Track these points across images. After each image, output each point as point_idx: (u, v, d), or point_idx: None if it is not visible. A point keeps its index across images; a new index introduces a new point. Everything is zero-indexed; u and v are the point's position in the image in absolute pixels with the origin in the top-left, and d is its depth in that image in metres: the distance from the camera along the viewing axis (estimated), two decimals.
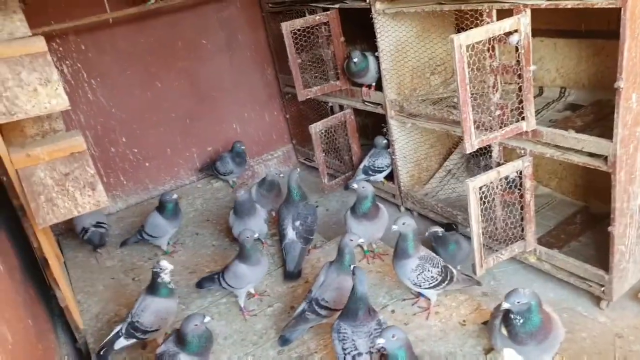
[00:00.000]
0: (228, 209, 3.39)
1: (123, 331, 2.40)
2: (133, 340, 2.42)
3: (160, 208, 3.31)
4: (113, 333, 2.44)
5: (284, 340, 2.43)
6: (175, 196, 3.33)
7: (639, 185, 2.27)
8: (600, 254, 2.44)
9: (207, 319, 2.07)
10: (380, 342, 1.73)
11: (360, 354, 1.96)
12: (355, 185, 2.73)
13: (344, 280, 2.33)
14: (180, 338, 2.08)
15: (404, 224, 2.33)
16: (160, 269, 2.41)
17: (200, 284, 2.86)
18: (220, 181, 4.34)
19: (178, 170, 4.35)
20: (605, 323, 2.44)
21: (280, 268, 3.02)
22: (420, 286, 2.34)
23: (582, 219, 2.95)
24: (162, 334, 2.47)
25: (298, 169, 3.12)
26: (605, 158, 2.17)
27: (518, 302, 1.80)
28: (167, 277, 2.42)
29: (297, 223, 2.95)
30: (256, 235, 2.64)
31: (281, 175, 3.45)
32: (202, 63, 4.19)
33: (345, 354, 1.98)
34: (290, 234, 2.94)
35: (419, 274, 2.31)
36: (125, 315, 2.52)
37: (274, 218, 3.41)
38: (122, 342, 2.40)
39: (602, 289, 2.43)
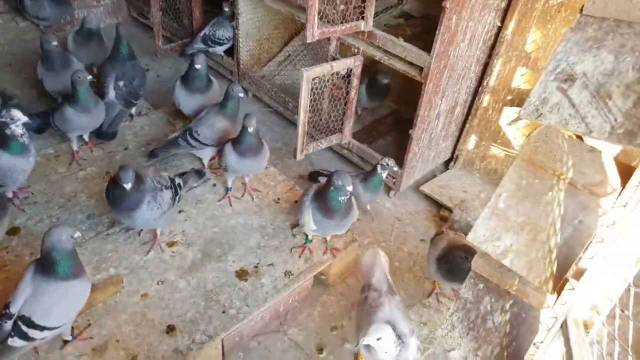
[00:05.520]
0: (37, 55, 2.93)
1: None
2: None
3: None
4: None
5: (151, 154, 2.64)
6: None
7: (440, 98, 2.63)
8: (399, 152, 2.83)
9: None
10: None
11: None
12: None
13: (218, 121, 2.51)
14: None
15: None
16: (11, 119, 2.04)
17: (37, 115, 2.63)
18: (28, 21, 3.67)
19: None
20: (390, 209, 2.92)
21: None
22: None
23: (392, 120, 3.35)
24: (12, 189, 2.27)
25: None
26: (421, 69, 2.44)
27: (341, 184, 2.01)
28: (19, 130, 2.09)
29: (121, 83, 2.72)
30: (89, 78, 2.46)
31: (102, 25, 3.06)
32: None
33: None
34: (111, 93, 2.72)
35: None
36: None
37: (94, 74, 3.08)
38: None
39: (394, 181, 2.86)
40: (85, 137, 2.69)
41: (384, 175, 2.44)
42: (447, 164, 3.18)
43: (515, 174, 1.48)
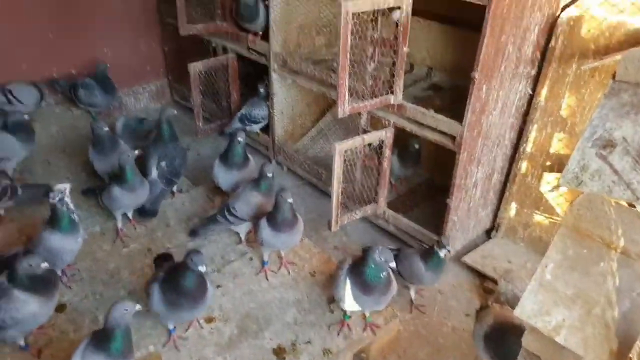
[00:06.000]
0: (88, 140, 3.14)
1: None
2: None
3: (7, 126, 2.97)
4: (13, 253, 2.21)
5: (192, 232, 2.73)
6: (26, 117, 3.03)
7: (476, 166, 2.61)
8: (436, 221, 2.78)
9: (45, 264, 1.93)
10: None
11: None
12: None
13: (254, 197, 2.57)
14: (11, 273, 1.94)
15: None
16: (60, 192, 2.16)
17: (84, 192, 2.93)
18: (81, 109, 3.96)
19: None
20: None
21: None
22: None
23: (426, 189, 3.32)
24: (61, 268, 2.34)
25: (174, 111, 2.99)
26: (454, 138, 2.45)
27: (381, 259, 2.00)
28: (71, 203, 2.20)
29: (163, 163, 2.86)
30: (137, 152, 2.64)
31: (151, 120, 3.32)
32: None
33: None
34: (153, 172, 2.85)
35: None
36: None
37: (138, 156, 3.24)
38: None
39: None
40: (129, 215, 2.78)
41: (442, 254, 2.34)
42: (488, 233, 3.08)
43: (560, 243, 1.42)
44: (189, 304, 1.99)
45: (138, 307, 1.77)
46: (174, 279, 1.97)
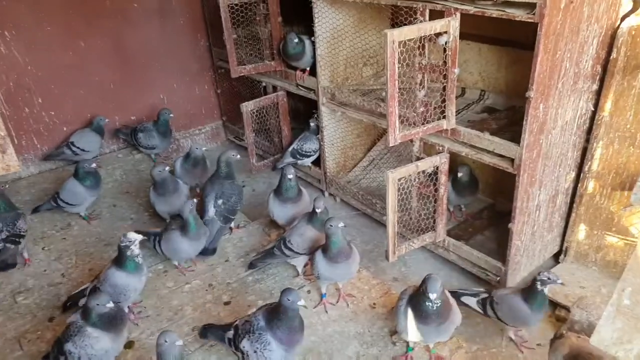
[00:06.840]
0: (149, 182, 3.30)
1: (87, 292, 2.39)
2: None
3: (78, 175, 3.18)
4: (81, 289, 2.49)
5: (250, 265, 2.78)
6: (94, 165, 3.24)
7: (537, 188, 2.50)
8: (500, 247, 2.67)
9: (110, 303, 2.03)
10: None
11: None
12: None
13: (309, 230, 2.58)
14: (84, 311, 2.05)
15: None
16: (129, 241, 2.32)
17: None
18: (142, 153, 4.19)
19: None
20: None
21: None
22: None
23: (488, 214, 3.20)
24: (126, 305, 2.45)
25: (238, 155, 3.04)
26: (512, 161, 2.37)
27: (431, 295, 1.95)
28: (137, 250, 2.34)
29: (220, 201, 2.93)
30: (195, 200, 2.73)
31: (204, 149, 3.42)
32: (131, 26, 4.00)
33: None
34: (211, 211, 2.92)
35: None
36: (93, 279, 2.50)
37: (197, 194, 3.36)
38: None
39: (498, 279, 2.66)
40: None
41: (547, 290, 2.17)
42: (556, 258, 2.91)
43: (638, 266, 1.32)
44: (300, 340, 2.06)
45: (179, 342, 1.86)
46: (284, 323, 2.00)
